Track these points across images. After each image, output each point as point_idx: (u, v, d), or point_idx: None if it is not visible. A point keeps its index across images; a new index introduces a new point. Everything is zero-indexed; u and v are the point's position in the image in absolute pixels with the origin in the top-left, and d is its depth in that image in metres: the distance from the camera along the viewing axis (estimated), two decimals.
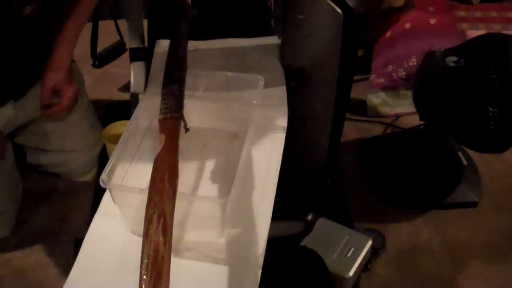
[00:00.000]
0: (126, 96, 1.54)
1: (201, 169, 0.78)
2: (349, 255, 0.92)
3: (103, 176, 0.64)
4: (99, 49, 1.34)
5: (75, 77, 1.17)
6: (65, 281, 0.63)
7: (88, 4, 1.11)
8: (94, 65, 1.34)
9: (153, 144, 0.65)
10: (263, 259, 0.67)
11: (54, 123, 1.21)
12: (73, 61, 1.22)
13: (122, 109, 1.38)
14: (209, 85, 0.85)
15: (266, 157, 0.80)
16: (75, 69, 1.22)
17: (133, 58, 1.34)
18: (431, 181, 1.27)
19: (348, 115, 1.48)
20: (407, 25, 1.45)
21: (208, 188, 0.75)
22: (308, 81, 0.97)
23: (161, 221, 0.54)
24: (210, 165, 0.79)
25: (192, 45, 0.98)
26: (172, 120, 0.66)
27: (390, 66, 1.48)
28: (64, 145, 1.25)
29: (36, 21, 1.04)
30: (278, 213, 0.72)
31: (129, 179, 0.73)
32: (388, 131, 1.49)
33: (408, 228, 1.20)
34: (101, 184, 0.63)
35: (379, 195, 1.27)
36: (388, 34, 1.48)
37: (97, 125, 1.32)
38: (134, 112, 0.75)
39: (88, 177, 1.31)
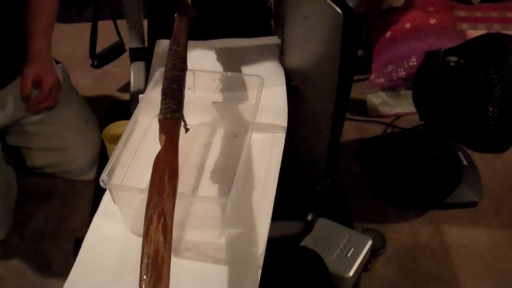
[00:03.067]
0: (126, 96, 1.55)
1: (201, 169, 0.78)
2: (349, 255, 0.92)
3: (103, 176, 0.64)
4: (99, 49, 1.34)
5: (54, 67, 1.18)
6: (65, 281, 0.63)
7: None
8: (92, 65, 1.35)
9: (153, 144, 0.65)
10: (263, 259, 0.67)
11: (48, 122, 1.22)
12: (58, 62, 1.23)
13: (122, 109, 1.38)
14: (209, 85, 0.85)
15: (266, 157, 0.80)
16: (60, 68, 1.23)
17: (133, 58, 1.34)
18: (431, 181, 1.27)
19: (348, 115, 1.48)
20: (407, 25, 1.45)
21: (208, 188, 0.75)
22: (308, 81, 0.96)
23: (161, 221, 0.53)
24: (210, 165, 0.79)
25: (192, 45, 0.98)
26: (172, 120, 0.66)
27: (390, 66, 1.48)
28: (61, 143, 1.26)
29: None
30: (278, 213, 0.72)
31: (129, 179, 0.73)
32: (388, 131, 1.49)
33: (408, 228, 1.20)
34: (101, 184, 0.63)
35: (379, 195, 1.28)
36: (388, 34, 1.48)
37: (92, 122, 1.32)
38: (134, 112, 0.75)
39: (89, 176, 1.31)
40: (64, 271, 0.64)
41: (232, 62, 1.00)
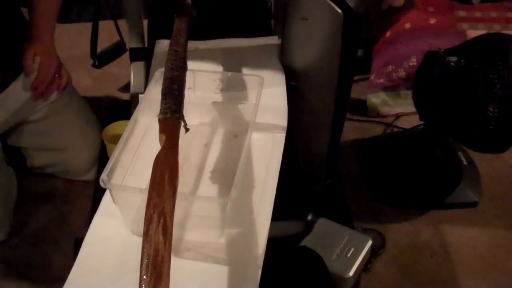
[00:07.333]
0: (126, 96, 1.55)
1: (201, 169, 0.78)
2: (349, 255, 0.92)
3: (103, 176, 0.64)
4: (99, 49, 1.34)
5: (56, 52, 1.19)
6: (65, 281, 0.63)
7: None
8: (93, 65, 1.35)
9: (153, 144, 0.65)
10: (263, 259, 0.67)
11: (48, 122, 1.22)
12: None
13: (122, 109, 1.38)
14: (209, 85, 0.85)
15: (266, 157, 0.80)
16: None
17: (133, 58, 1.34)
18: (431, 181, 1.27)
19: (348, 115, 1.48)
20: (407, 25, 1.45)
21: (208, 188, 0.75)
22: (308, 81, 0.96)
23: (161, 221, 0.53)
24: (210, 165, 0.79)
25: (192, 45, 0.98)
26: (172, 120, 0.66)
27: (390, 66, 1.48)
28: (62, 143, 1.26)
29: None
30: (278, 213, 0.72)
31: (129, 179, 0.72)
32: (388, 131, 1.49)
33: (408, 228, 1.20)
34: (101, 184, 0.63)
35: (379, 195, 1.27)
36: (388, 34, 1.48)
37: (93, 122, 1.32)
38: (134, 112, 0.75)
39: (89, 176, 1.31)
40: (64, 271, 0.64)
41: (232, 62, 1.00)
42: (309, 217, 0.97)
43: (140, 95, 0.81)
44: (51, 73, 1.16)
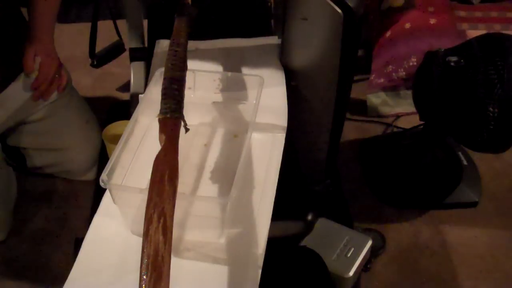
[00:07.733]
0: (126, 96, 1.55)
1: (201, 169, 0.78)
2: (349, 255, 0.92)
3: (103, 176, 0.64)
4: (99, 49, 1.34)
5: (56, 52, 1.19)
6: (65, 281, 0.63)
7: None
8: (92, 65, 1.35)
9: (153, 144, 0.65)
10: (263, 259, 0.67)
11: (48, 122, 1.22)
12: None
13: (122, 109, 1.38)
14: (209, 85, 0.85)
15: (266, 157, 0.80)
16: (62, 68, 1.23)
17: (133, 58, 1.34)
18: (431, 181, 1.27)
19: (348, 115, 1.48)
20: (407, 25, 1.45)
21: (208, 188, 0.75)
22: (308, 81, 0.97)
23: (161, 221, 0.53)
24: (210, 165, 0.79)
25: (192, 45, 0.98)
26: (172, 120, 0.66)
27: (390, 66, 1.48)
28: (62, 143, 1.26)
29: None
30: (278, 213, 0.72)
31: (129, 179, 0.73)
32: (388, 131, 1.49)
33: (408, 228, 1.20)
34: (101, 184, 0.63)
35: (379, 195, 1.27)
36: (388, 34, 1.48)
37: (92, 122, 1.32)
38: (134, 112, 0.75)
39: (89, 176, 1.31)
40: (64, 271, 0.64)
41: (232, 62, 1.00)
42: (309, 217, 0.98)
43: (140, 95, 0.81)
44: (51, 73, 1.16)
